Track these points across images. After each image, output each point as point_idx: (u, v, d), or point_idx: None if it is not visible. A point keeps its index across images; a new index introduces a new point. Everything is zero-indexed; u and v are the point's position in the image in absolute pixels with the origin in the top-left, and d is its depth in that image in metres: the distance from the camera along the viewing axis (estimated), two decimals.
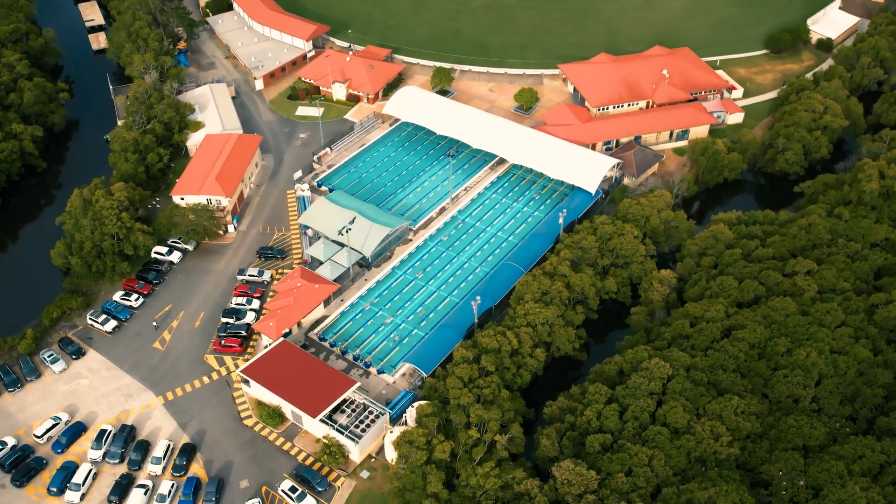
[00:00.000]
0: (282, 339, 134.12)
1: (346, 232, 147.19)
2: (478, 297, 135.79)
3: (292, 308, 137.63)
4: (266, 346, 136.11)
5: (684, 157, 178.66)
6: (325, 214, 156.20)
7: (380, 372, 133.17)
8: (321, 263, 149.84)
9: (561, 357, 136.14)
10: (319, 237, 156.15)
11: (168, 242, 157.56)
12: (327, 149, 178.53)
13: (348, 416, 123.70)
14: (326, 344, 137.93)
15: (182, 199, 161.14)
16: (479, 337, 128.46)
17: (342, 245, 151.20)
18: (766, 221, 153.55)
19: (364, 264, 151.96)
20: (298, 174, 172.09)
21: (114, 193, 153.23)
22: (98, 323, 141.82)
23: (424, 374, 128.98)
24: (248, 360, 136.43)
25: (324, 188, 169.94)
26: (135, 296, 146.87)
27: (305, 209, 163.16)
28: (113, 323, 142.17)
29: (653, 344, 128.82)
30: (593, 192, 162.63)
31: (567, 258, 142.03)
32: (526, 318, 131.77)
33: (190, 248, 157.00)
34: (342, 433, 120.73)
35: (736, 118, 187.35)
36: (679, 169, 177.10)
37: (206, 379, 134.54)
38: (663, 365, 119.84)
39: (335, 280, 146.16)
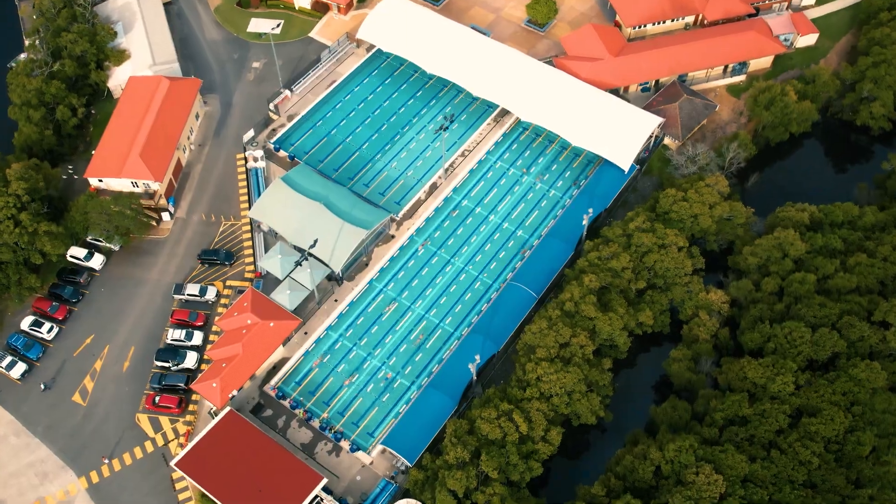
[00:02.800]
0: (228, 408, 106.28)
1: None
2: (476, 356, 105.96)
3: (241, 360, 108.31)
4: (210, 412, 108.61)
5: (741, 100, 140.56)
6: (282, 205, 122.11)
7: (353, 449, 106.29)
8: (278, 281, 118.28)
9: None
10: (276, 236, 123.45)
11: (88, 239, 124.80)
12: (287, 91, 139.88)
13: None
14: (286, 404, 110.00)
15: (101, 181, 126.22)
16: (478, 420, 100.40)
17: (304, 253, 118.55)
18: (847, 221, 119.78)
19: (334, 277, 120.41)
20: (250, 134, 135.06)
21: (10, 182, 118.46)
22: (2, 367, 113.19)
23: (408, 464, 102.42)
24: (189, 423, 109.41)
25: (282, 153, 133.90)
26: (47, 324, 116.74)
27: (258, 190, 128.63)
28: (22, 367, 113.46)
29: (700, 432, 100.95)
30: (627, 168, 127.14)
31: (592, 287, 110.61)
32: (538, 385, 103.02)
33: (115, 247, 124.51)
34: None
35: (807, 40, 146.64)
36: (733, 118, 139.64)
37: (138, 451, 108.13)
38: (715, 479, 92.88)
39: (297, 308, 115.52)
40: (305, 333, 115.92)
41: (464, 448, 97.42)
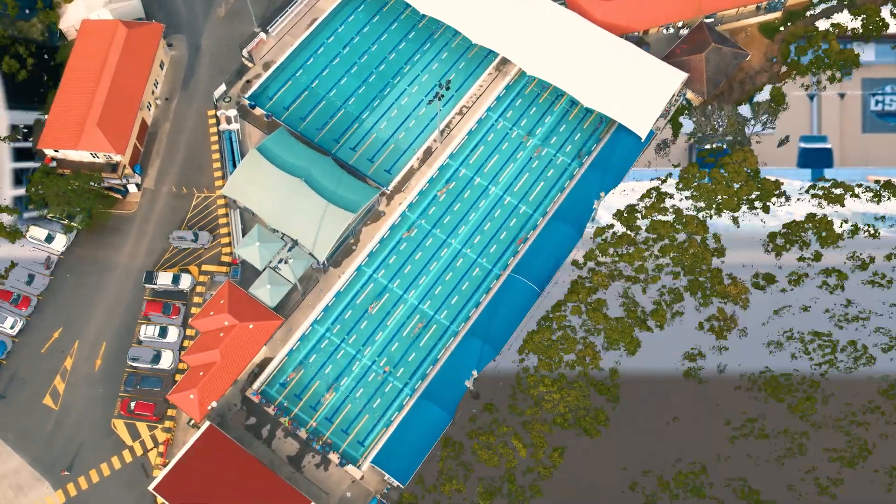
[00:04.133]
0: (207, 423, 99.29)
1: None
2: (474, 372, 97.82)
3: (220, 368, 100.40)
4: (189, 423, 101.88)
5: (774, 42, 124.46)
6: (259, 182, 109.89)
7: (343, 462, 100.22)
8: (257, 272, 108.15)
9: None
10: (254, 215, 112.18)
11: (48, 218, 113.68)
12: (262, 34, 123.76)
13: None
14: (270, 411, 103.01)
15: (57, 151, 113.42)
16: (475, 445, 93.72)
17: (284, 258, 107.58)
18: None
19: (318, 265, 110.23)
20: (222, 89, 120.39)
21: None
22: None
23: (402, 486, 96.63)
24: (168, 430, 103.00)
25: (258, 110, 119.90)
26: (11, 318, 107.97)
27: (232, 158, 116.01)
28: None
29: None
30: (644, 135, 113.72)
31: (602, 288, 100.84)
32: (541, 405, 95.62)
33: (79, 225, 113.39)
34: None
35: None
36: (765, 65, 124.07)
37: (116, 461, 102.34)
38: None
39: (279, 305, 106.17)
40: (289, 329, 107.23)
41: (459, 480, 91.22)
